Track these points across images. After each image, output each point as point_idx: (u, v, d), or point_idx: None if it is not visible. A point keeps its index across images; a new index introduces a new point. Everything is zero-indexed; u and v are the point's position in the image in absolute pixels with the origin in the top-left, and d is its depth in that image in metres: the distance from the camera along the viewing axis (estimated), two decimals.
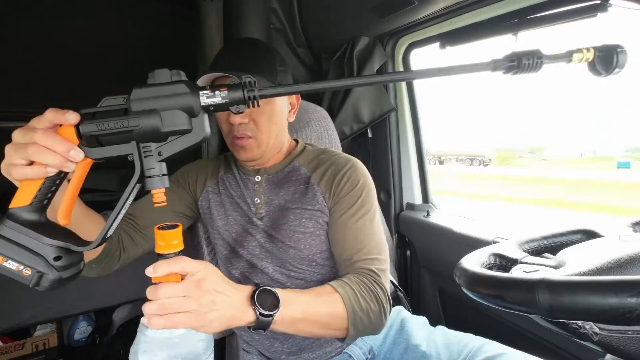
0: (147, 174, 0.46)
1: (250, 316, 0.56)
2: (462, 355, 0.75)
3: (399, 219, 1.50)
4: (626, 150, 4.91)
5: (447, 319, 1.36)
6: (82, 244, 0.47)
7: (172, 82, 0.45)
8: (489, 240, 1.09)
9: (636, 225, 0.60)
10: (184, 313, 0.48)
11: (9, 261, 0.43)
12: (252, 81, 0.45)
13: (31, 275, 0.44)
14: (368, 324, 0.68)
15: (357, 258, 0.75)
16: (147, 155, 0.46)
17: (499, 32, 1.07)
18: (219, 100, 0.45)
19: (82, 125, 0.45)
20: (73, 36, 1.80)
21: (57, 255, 0.45)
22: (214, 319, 0.51)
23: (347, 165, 0.83)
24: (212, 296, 0.51)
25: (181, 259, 0.49)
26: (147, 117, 0.44)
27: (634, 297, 0.34)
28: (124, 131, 0.44)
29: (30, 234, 0.44)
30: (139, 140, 0.45)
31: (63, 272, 0.45)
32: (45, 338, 1.71)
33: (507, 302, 0.42)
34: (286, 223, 0.80)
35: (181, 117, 0.44)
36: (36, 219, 0.45)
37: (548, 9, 0.95)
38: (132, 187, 0.46)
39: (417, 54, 1.43)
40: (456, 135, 14.50)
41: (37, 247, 0.44)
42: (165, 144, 0.46)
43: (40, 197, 0.45)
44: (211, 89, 0.45)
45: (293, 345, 0.80)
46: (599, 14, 0.86)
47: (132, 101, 0.44)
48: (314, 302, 0.64)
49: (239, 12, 1.45)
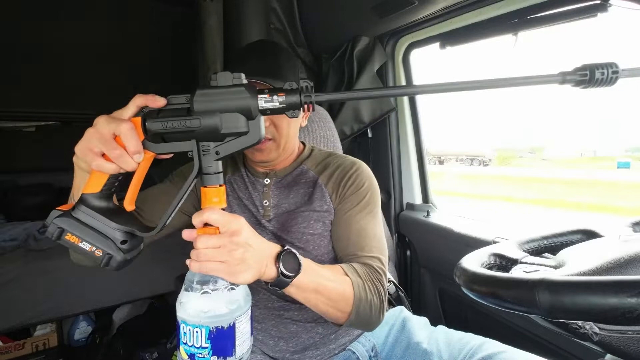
0: (205, 171, 0.49)
1: (273, 272, 0.60)
2: (463, 353, 0.76)
3: (399, 219, 1.50)
4: (626, 150, 4.91)
5: (447, 319, 1.36)
6: (145, 229, 0.51)
7: (234, 86, 0.47)
8: (489, 240, 1.09)
9: (636, 225, 0.60)
10: (217, 262, 0.52)
11: (84, 242, 0.49)
12: (309, 86, 0.46)
13: (102, 256, 0.49)
14: (369, 314, 0.71)
15: (360, 254, 0.77)
16: (206, 153, 0.49)
17: (499, 32, 1.07)
18: (276, 105, 0.46)
19: (148, 123, 0.48)
20: (73, 36, 1.81)
21: (123, 239, 0.50)
22: (244, 270, 0.54)
23: (353, 167, 0.86)
24: (244, 248, 0.54)
25: (211, 209, 0.51)
26: (207, 118, 0.47)
27: (634, 297, 0.34)
28: (185, 131, 0.47)
29: (101, 219, 0.49)
30: (199, 139, 0.48)
31: (128, 254, 0.50)
32: (45, 338, 1.72)
33: (507, 302, 0.42)
34: (295, 225, 0.81)
35: (239, 119, 0.47)
36: (105, 205, 0.50)
37: (548, 9, 0.95)
38: (190, 182, 0.50)
39: (417, 54, 1.43)
40: (456, 135, 14.55)
41: (106, 231, 0.49)
42: (223, 143, 0.49)
43: (108, 186, 0.50)
44: (269, 93, 0.46)
45: (298, 344, 0.81)
46: (599, 14, 0.86)
47: (195, 102, 0.47)
48: (329, 278, 0.67)
49: (239, 12, 1.45)
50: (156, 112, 0.49)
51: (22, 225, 1.85)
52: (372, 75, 1.42)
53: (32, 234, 1.76)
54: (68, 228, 0.49)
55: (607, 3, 0.83)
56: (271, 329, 0.82)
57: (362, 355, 0.83)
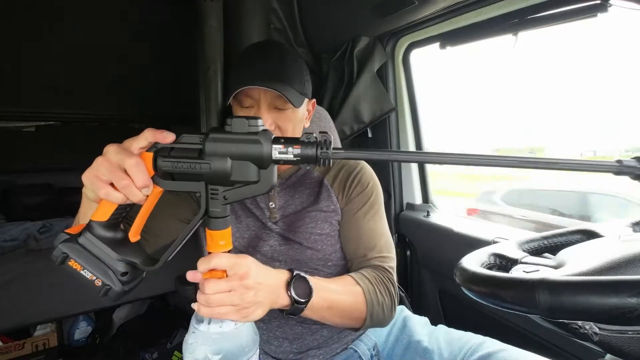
0: (211, 214, 0.49)
1: (285, 301, 0.61)
2: (463, 351, 0.76)
3: (399, 219, 1.50)
4: (626, 150, 4.89)
5: (448, 319, 1.36)
6: (147, 262, 0.51)
7: (249, 134, 0.46)
8: (489, 240, 1.09)
9: (636, 225, 0.60)
10: (228, 306, 0.52)
11: (85, 270, 0.48)
12: (328, 140, 0.45)
13: (101, 287, 0.49)
14: (382, 316, 0.74)
15: (371, 256, 0.80)
16: (214, 197, 0.49)
17: (499, 32, 1.07)
18: (290, 157, 0.45)
19: (159, 161, 0.48)
20: (74, 37, 1.80)
21: (124, 270, 0.49)
22: (257, 309, 0.55)
23: (357, 167, 0.88)
24: (255, 289, 0.54)
25: (217, 255, 0.51)
26: (218, 163, 0.46)
27: (634, 297, 0.34)
28: (195, 173, 0.47)
29: (105, 248, 0.49)
30: (208, 182, 0.48)
31: (126, 286, 0.50)
32: (45, 338, 1.71)
33: (507, 302, 0.42)
34: (302, 226, 0.82)
35: (251, 168, 0.47)
36: (111, 234, 0.50)
37: (548, 9, 0.95)
38: (196, 223, 0.50)
39: (417, 54, 1.43)
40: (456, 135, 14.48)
41: (109, 261, 0.49)
42: (232, 189, 0.48)
43: (116, 215, 0.49)
44: (285, 143, 0.45)
45: (302, 346, 0.81)
46: (599, 14, 0.86)
47: (207, 144, 0.46)
48: (341, 292, 0.69)
49: (239, 12, 1.45)
50: (168, 150, 0.48)
51: (22, 225, 1.85)
52: (372, 75, 1.42)
53: (32, 234, 1.76)
54: (72, 254, 0.49)
55: (607, 3, 0.83)
56: (276, 329, 0.82)
57: (364, 353, 0.83)
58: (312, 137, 0.45)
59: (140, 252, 0.52)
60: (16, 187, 2.25)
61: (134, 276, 0.50)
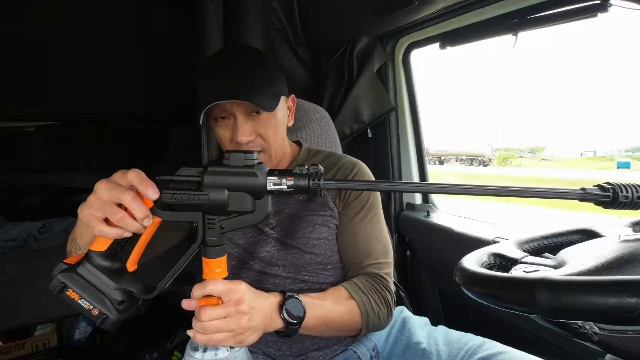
0: (208, 243, 0.52)
1: (279, 324, 0.63)
2: (462, 352, 0.76)
3: (399, 219, 1.50)
4: (626, 150, 4.91)
5: (448, 319, 1.36)
6: (144, 291, 0.53)
7: (245, 167, 0.49)
8: (489, 240, 1.09)
9: (636, 225, 0.60)
10: (224, 332, 0.53)
11: (83, 300, 0.50)
12: (319, 172, 0.48)
13: (98, 316, 0.50)
14: (378, 324, 0.76)
15: (368, 262, 0.80)
16: (211, 226, 0.51)
17: (499, 32, 1.07)
18: (284, 188, 0.48)
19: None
20: (73, 37, 1.80)
21: (121, 299, 0.51)
22: (252, 334, 0.57)
23: (354, 170, 0.86)
24: (249, 315, 0.56)
25: (213, 281, 0.53)
26: (216, 195, 0.49)
27: (634, 297, 0.34)
28: (193, 204, 0.50)
29: (103, 277, 0.51)
30: (205, 212, 0.51)
31: (123, 315, 0.52)
32: (45, 338, 1.71)
33: (507, 302, 0.42)
34: (300, 230, 0.81)
35: (247, 199, 0.50)
36: (109, 264, 0.52)
37: (548, 9, 0.95)
38: (193, 251, 0.52)
39: (417, 54, 1.43)
40: (456, 135, 14.50)
41: (106, 291, 0.51)
42: (228, 219, 0.51)
43: (113, 246, 0.52)
44: (279, 176, 0.49)
45: (302, 349, 0.81)
46: (599, 14, 0.86)
47: (206, 176, 0.49)
48: (334, 308, 0.71)
49: (239, 13, 1.45)
50: (168, 182, 0.50)
51: (22, 225, 1.85)
52: (372, 75, 1.42)
53: (32, 234, 1.76)
54: (70, 284, 0.50)
55: (607, 3, 0.83)
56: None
57: (364, 354, 0.83)
58: (305, 170, 0.49)
59: (136, 281, 0.54)
60: (16, 187, 2.25)
61: (130, 305, 0.52)
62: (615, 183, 0.43)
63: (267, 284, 0.81)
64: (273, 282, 0.81)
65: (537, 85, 21.95)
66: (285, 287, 0.81)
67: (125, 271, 0.53)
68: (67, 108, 2.06)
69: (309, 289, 0.81)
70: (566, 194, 0.44)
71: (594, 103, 12.49)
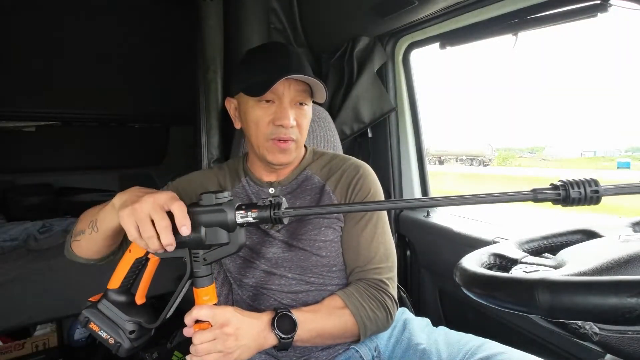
0: (195, 274, 0.59)
1: (272, 340, 0.66)
2: (462, 353, 0.76)
3: (399, 219, 1.50)
4: (626, 150, 4.89)
5: (448, 319, 1.36)
6: (150, 320, 0.62)
7: (215, 205, 0.57)
8: (489, 240, 1.09)
9: (636, 225, 0.60)
10: (215, 354, 0.59)
11: (102, 331, 0.60)
12: (279, 202, 0.54)
13: (114, 344, 0.60)
14: (376, 328, 0.78)
15: (369, 267, 0.81)
16: (196, 259, 0.59)
17: (499, 32, 1.07)
18: (251, 220, 0.56)
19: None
20: (73, 37, 1.81)
21: (132, 329, 0.60)
22: (242, 353, 0.62)
23: (359, 172, 0.86)
24: (235, 335, 0.60)
25: (198, 307, 0.60)
26: (195, 233, 0.57)
27: (634, 297, 0.34)
28: (180, 241, 0.57)
29: (117, 311, 0.61)
30: (190, 247, 0.59)
31: (135, 342, 0.61)
32: (45, 338, 1.72)
33: (507, 302, 0.42)
34: (306, 233, 0.81)
35: (221, 233, 0.57)
36: (123, 299, 0.62)
37: (548, 9, 0.95)
38: (184, 284, 0.60)
39: (417, 54, 1.43)
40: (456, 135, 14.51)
41: (119, 322, 0.60)
42: (209, 251, 0.59)
43: (125, 282, 0.62)
44: (245, 209, 0.56)
45: (305, 350, 0.81)
46: (599, 14, 0.86)
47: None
48: (327, 320, 0.73)
49: (239, 12, 1.45)
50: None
51: (22, 225, 1.85)
52: (372, 76, 1.42)
53: (32, 234, 1.76)
54: (92, 318, 0.61)
55: (607, 3, 0.83)
56: None
57: (366, 354, 0.83)
58: (267, 202, 0.55)
59: (144, 313, 0.63)
60: (16, 187, 2.25)
61: (141, 334, 0.61)
62: (566, 180, 0.43)
63: (273, 285, 0.82)
64: (279, 283, 0.81)
65: (536, 85, 21.82)
66: (291, 289, 0.81)
67: (135, 304, 0.63)
68: (67, 108, 2.06)
69: (315, 290, 0.82)
70: (518, 197, 0.44)
71: (594, 103, 12.44)
